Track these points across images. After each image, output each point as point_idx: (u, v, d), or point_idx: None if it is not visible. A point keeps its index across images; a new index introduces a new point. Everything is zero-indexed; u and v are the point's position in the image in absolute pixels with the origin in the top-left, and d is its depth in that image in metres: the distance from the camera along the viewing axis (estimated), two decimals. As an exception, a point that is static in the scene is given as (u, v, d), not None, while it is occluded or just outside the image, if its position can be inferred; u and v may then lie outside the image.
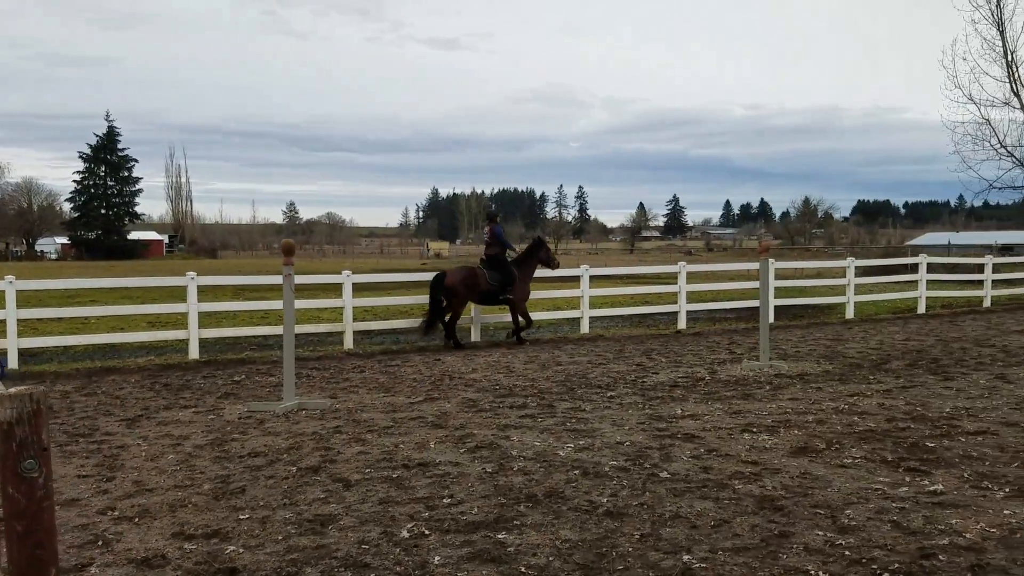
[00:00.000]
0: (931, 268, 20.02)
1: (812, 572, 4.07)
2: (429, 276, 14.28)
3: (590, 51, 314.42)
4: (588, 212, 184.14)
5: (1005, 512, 4.85)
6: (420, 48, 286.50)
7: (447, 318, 13.72)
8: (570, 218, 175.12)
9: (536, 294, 17.39)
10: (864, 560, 4.19)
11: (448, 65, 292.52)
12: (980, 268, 20.82)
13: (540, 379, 10.20)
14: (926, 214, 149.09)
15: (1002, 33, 30.33)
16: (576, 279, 16.03)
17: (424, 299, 14.26)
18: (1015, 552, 4.23)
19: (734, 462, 6.12)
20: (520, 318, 14.17)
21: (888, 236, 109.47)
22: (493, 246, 14.30)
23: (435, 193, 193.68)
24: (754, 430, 7.14)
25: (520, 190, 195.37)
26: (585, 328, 15.49)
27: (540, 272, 14.75)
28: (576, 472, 5.91)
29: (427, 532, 4.73)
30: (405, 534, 4.70)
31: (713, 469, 5.94)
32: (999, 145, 30.89)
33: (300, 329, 13.27)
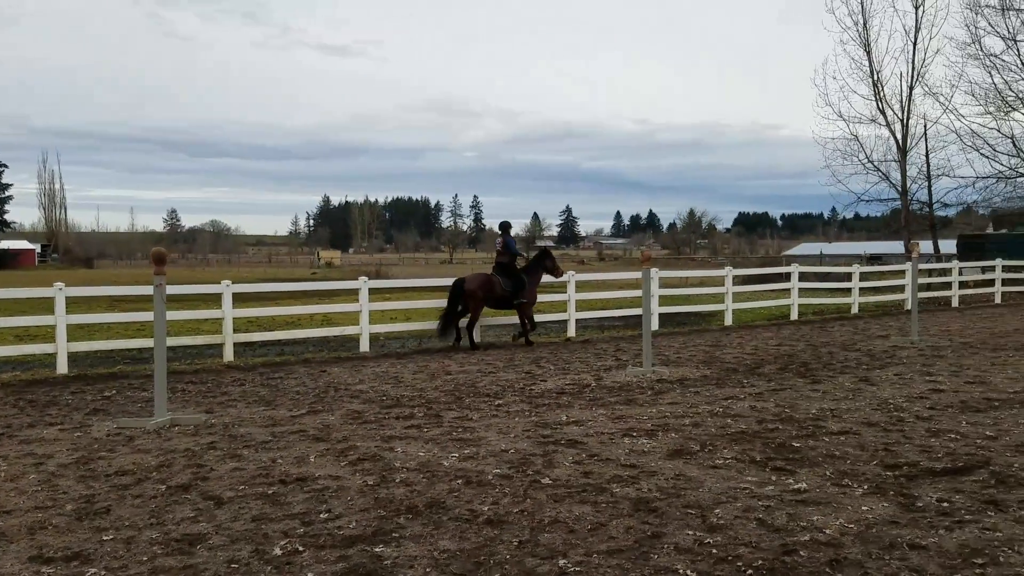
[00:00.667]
0: (803, 277, 21.07)
1: (681, 571, 4.19)
2: (320, 285, 14.40)
3: (483, 61, 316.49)
4: (483, 221, 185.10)
5: (863, 508, 5.13)
6: (310, 53, 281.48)
7: (467, 321, 14.68)
8: (465, 227, 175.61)
9: (428, 303, 17.28)
10: (730, 558, 4.34)
11: (340, 71, 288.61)
12: (848, 276, 22.06)
13: (428, 389, 10.13)
14: (802, 225, 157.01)
15: (868, 54, 32.39)
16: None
17: (316, 309, 16.11)
18: (870, 546, 4.47)
19: (614, 466, 6.24)
20: (528, 321, 15.15)
21: (767, 246, 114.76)
22: (504, 255, 15.25)
23: (326, 201, 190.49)
24: (634, 434, 7.31)
25: (415, 199, 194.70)
26: (478, 337, 15.50)
27: (437, 282, 14.90)
28: (459, 481, 5.90)
29: (301, 548, 4.60)
30: (278, 551, 4.56)
31: (593, 474, 6.04)
32: (867, 160, 32.95)
33: (175, 341, 12.73)
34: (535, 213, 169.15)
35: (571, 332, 16.36)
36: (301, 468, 6.34)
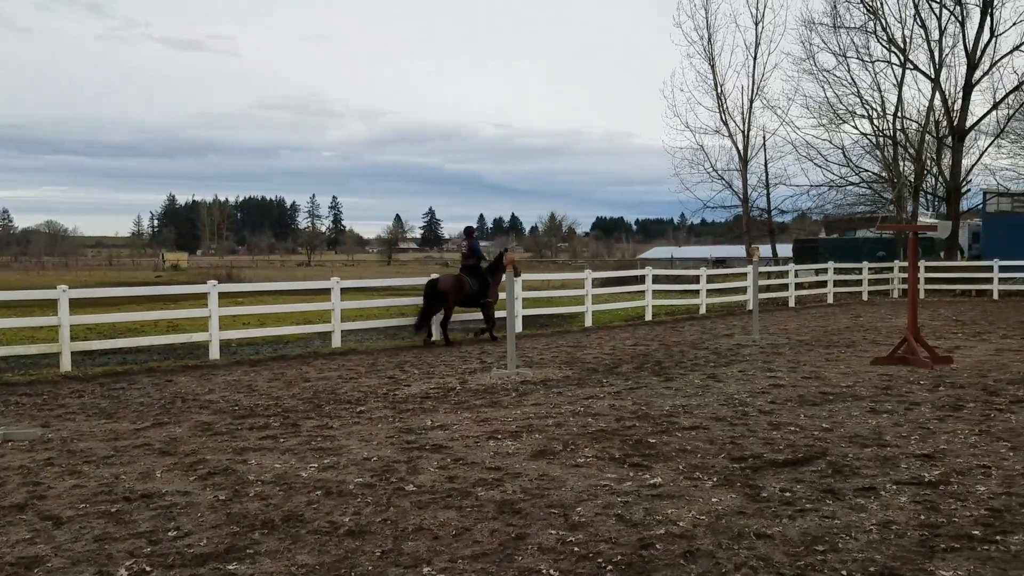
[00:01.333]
0: (657, 279, 21.95)
1: (544, 571, 4.24)
2: (169, 290, 13.69)
3: (343, 60, 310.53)
4: (343, 223, 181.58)
5: (713, 500, 5.38)
6: (157, 48, 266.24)
7: (441, 317, 15.64)
8: (324, 229, 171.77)
9: (285, 307, 16.76)
10: (591, 555, 4.44)
11: (189, 67, 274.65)
12: (697, 279, 23.16)
13: (285, 397, 9.81)
14: (654, 230, 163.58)
15: (712, 67, 34.16)
16: (327, 292, 15.67)
17: (161, 314, 15.59)
18: (721, 537, 4.69)
19: (479, 469, 6.25)
20: (491, 319, 16.24)
21: (623, 250, 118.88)
22: (470, 257, 16.44)
23: (172, 200, 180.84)
24: (499, 436, 7.35)
25: (269, 199, 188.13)
26: (337, 342, 15.17)
27: (294, 285, 14.52)
28: (319, 493, 5.73)
29: (148, 569, 4.33)
30: (123, 573, 4.27)
31: (458, 478, 6.02)
32: (712, 169, 34.76)
33: (6, 351, 11.80)
34: (397, 215, 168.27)
35: (435, 335, 16.29)
36: (147, 484, 5.96)
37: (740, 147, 33.88)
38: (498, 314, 16.74)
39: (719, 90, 33.88)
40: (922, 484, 5.64)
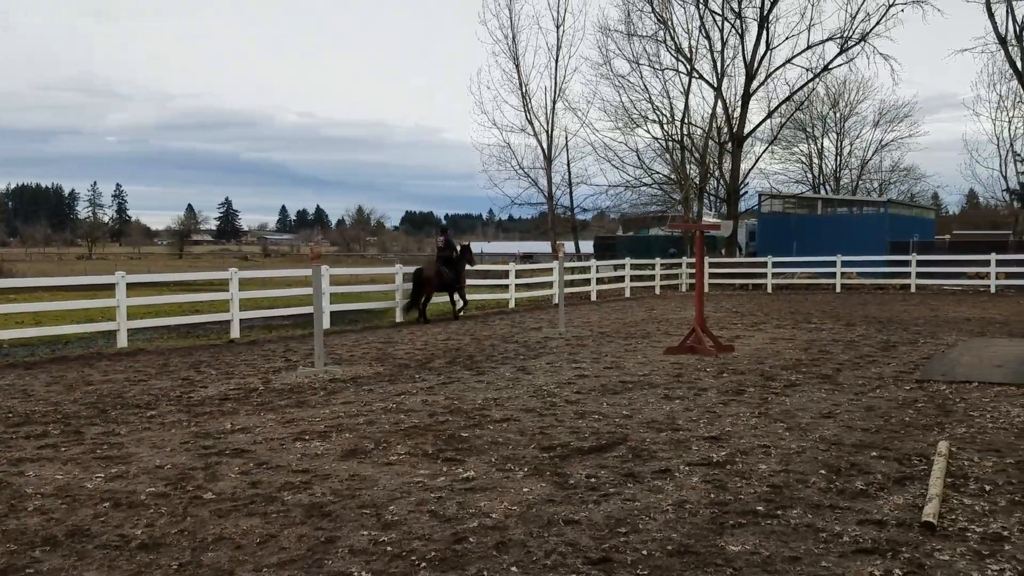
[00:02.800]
0: (468, 274, 22.15)
1: (356, 573, 4.13)
2: None
3: (130, 39, 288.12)
4: (128, 213, 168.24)
5: (524, 490, 5.49)
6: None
7: (422, 301, 18.21)
8: (107, 219, 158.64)
9: (64, 304, 15.36)
10: (404, 553, 4.38)
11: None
12: (506, 274, 23.66)
13: (66, 402, 8.94)
14: (464, 225, 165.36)
15: (517, 67, 35.04)
16: (111, 287, 14.46)
17: None
18: (531, 526, 4.79)
19: (285, 473, 6.00)
20: (463, 300, 19.41)
21: (433, 245, 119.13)
22: (446, 250, 19.37)
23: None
24: (306, 438, 7.10)
25: (45, 186, 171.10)
26: (123, 342, 14.05)
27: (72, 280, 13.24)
28: (106, 504, 5.26)
29: None
30: None
31: (262, 483, 5.75)
32: (518, 167, 35.68)
33: None
34: (190, 205, 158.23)
35: (235, 333, 15.51)
36: None
37: (545, 146, 35.04)
38: (303, 310, 16.36)
39: (524, 90, 34.86)
40: (711, 464, 6.06)
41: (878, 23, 32.85)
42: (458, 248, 19.72)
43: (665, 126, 35.60)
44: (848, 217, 39.81)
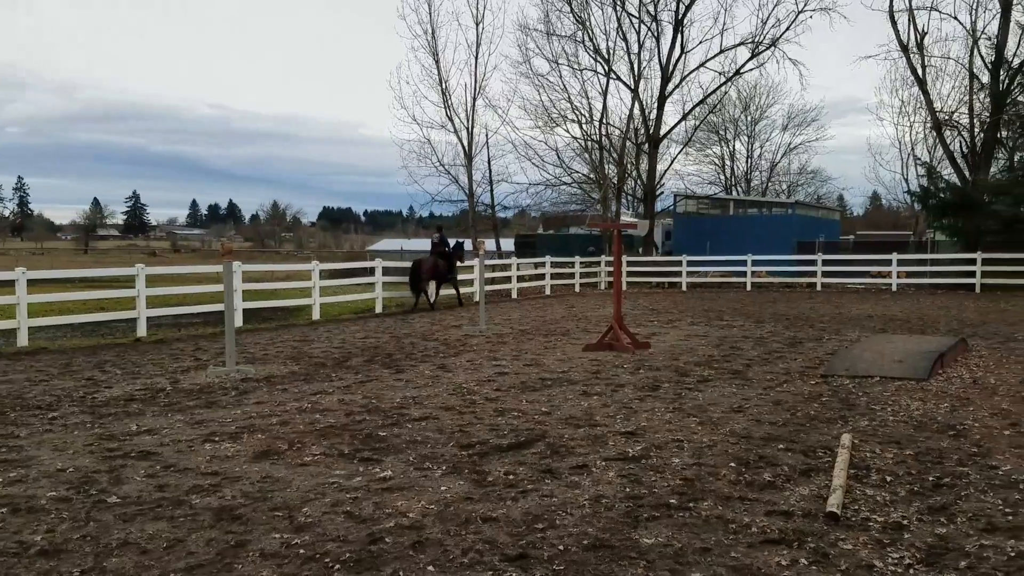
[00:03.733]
0: (387, 271, 21.95)
1: (269, 578, 4.03)
2: None
3: (33, 26, 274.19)
4: (31, 207, 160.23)
5: (442, 488, 5.45)
6: None
7: (421, 288, 20.90)
8: (8, 213, 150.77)
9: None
10: (318, 556, 4.30)
11: None
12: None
13: (-44, 405, 8.44)
14: (384, 222, 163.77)
15: (437, 63, 34.77)
16: (11, 283, 13.74)
17: None
18: (449, 524, 4.76)
19: (193, 475, 5.81)
20: (456, 290, 22.29)
21: (352, 241, 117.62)
22: (441, 246, 21.93)
23: None
24: (216, 439, 6.90)
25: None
26: (23, 341, 13.37)
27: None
28: (4, 510, 5.01)
29: None
30: None
31: (170, 486, 5.56)
32: (439, 163, 35.44)
33: None
34: (95, 199, 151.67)
35: (142, 331, 14.95)
36: None
37: (465, 143, 34.90)
38: (214, 308, 15.97)
39: (444, 86, 34.62)
40: (627, 459, 6.16)
41: (788, 29, 33.98)
42: (451, 244, 22.46)
43: (584, 126, 36.00)
44: (758, 218, 41.11)
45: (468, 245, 24.90)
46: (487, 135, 36.86)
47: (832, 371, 10.02)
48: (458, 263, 22.49)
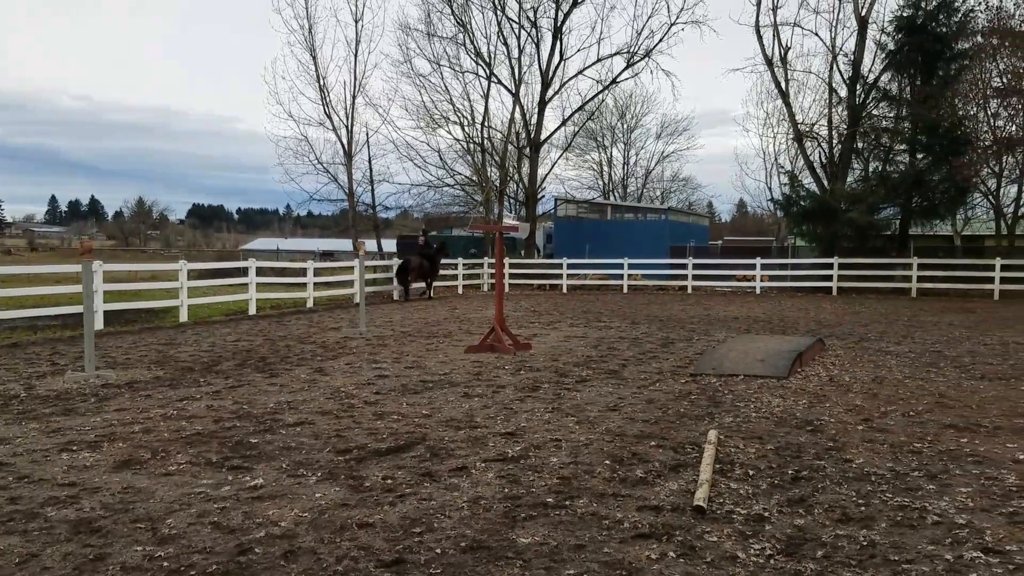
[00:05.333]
0: (261, 272, 21.30)
1: (129, 595, 3.82)
2: None
3: None
4: None
5: (317, 496, 5.32)
6: None
7: (407, 282, 24.43)
8: None
9: None
10: (183, 568, 4.11)
11: None
12: (304, 272, 22.95)
13: None
14: (258, 220, 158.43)
15: (315, 59, 34.01)
16: None
17: None
18: (323, 532, 4.65)
19: (49, 487, 5.45)
20: (431, 287, 25.94)
21: (223, 240, 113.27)
22: (427, 248, 25.64)
23: None
24: (74, 448, 6.49)
25: None
26: None
27: None
28: None
29: None
30: None
31: (23, 498, 5.19)
32: (317, 161, 34.67)
33: None
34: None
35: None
36: None
37: (345, 142, 34.29)
38: (73, 309, 15.06)
39: (321, 82, 33.90)
40: (506, 460, 6.20)
41: (661, 40, 35.22)
42: (434, 246, 25.86)
43: (466, 128, 36.05)
44: (634, 223, 42.41)
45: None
46: (367, 134, 36.44)
47: (701, 370, 10.44)
48: (442, 260, 26.28)
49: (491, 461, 6.17)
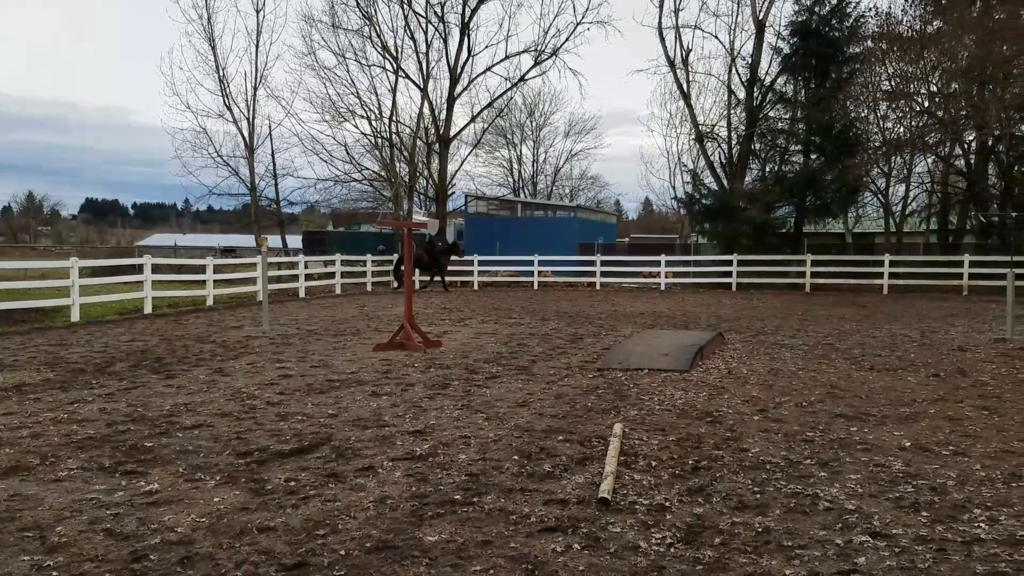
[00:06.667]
0: (158, 269, 20.52)
1: (10, 611, 3.62)
2: None
3: None
4: None
5: (215, 500, 5.16)
6: None
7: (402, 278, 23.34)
8: None
9: None
10: (72, 581, 3.92)
11: None
12: (204, 269, 22.20)
13: None
14: (155, 215, 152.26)
15: (214, 49, 32.98)
16: None
17: None
18: (221, 537, 4.51)
19: (-81, 500, 5.10)
20: (445, 280, 28.52)
21: (119, 236, 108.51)
22: (428, 244, 27.64)
23: None
24: (-50, 457, 6.10)
25: None
26: None
27: None
28: None
29: None
30: None
31: None
32: (216, 154, 33.62)
33: None
34: None
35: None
36: None
37: (246, 134, 33.35)
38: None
39: (221, 73, 32.87)
40: (414, 458, 6.16)
41: (567, 39, 35.62)
42: (439, 243, 28.40)
43: (374, 122, 35.55)
44: (544, 220, 42.78)
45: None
46: (270, 127, 35.61)
47: (608, 365, 10.63)
48: (453, 256, 28.65)
49: (399, 460, 6.11)
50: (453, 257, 29.02)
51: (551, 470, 5.86)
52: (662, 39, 33.42)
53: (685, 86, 34.07)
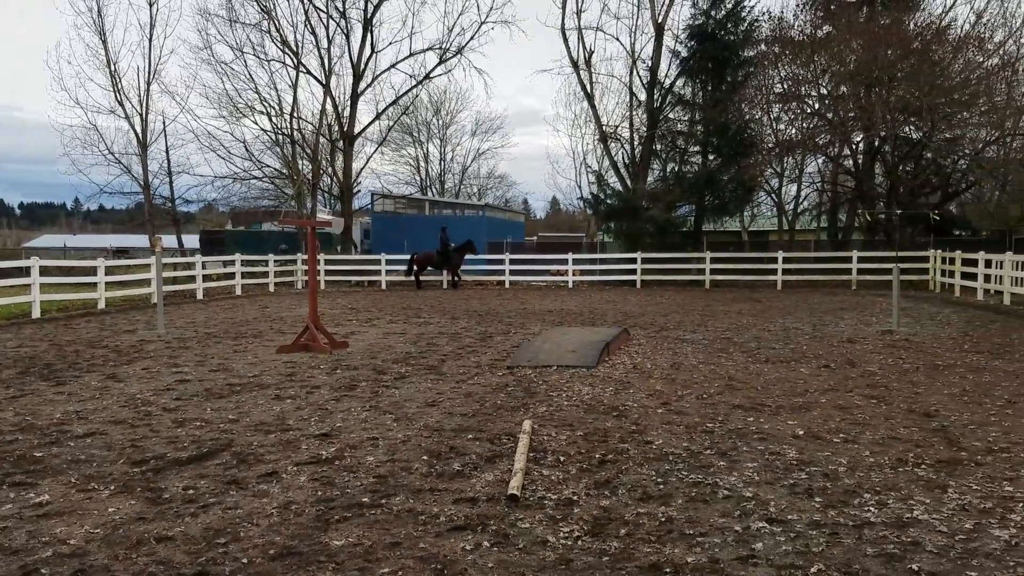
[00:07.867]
0: (46, 271, 19.47)
1: None
2: None
3: None
4: None
5: (110, 510, 4.95)
6: None
7: (415, 273, 28.00)
8: None
9: None
10: (-50, 604, 3.68)
11: None
12: (95, 271, 21.19)
13: None
14: (43, 216, 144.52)
15: (105, 44, 31.56)
16: None
17: None
18: (117, 548, 4.33)
19: None
20: (457, 277, 28.87)
21: (4, 237, 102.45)
22: (440, 244, 28.35)
23: None
24: None
25: None
26: None
27: None
28: None
29: None
30: None
31: None
32: (107, 152, 32.16)
33: None
34: None
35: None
36: None
37: (139, 130, 32.02)
38: None
39: (112, 68, 31.47)
40: (320, 462, 6.05)
41: (472, 38, 35.66)
42: (452, 243, 28.35)
43: (274, 119, 34.64)
44: (452, 218, 42.67)
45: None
46: (164, 123, 34.25)
47: (517, 362, 10.70)
48: (467, 255, 28.70)
49: (304, 464, 6.00)
50: (468, 256, 29.22)
51: (461, 469, 5.86)
52: (565, 40, 33.81)
53: (589, 87, 34.58)
